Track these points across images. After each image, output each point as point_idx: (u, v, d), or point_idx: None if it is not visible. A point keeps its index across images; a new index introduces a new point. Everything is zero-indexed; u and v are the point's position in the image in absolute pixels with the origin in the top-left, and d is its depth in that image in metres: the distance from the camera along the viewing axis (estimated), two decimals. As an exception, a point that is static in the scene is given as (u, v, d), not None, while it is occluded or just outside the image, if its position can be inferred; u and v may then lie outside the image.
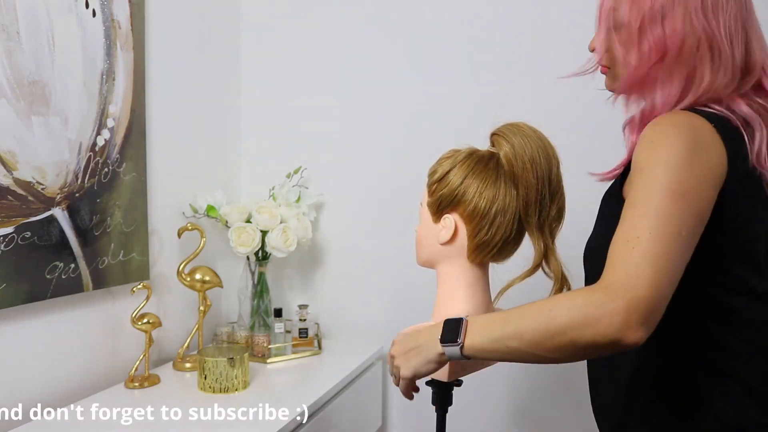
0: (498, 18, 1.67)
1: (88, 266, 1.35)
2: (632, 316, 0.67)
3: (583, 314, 0.70)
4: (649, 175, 0.75)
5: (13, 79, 1.17)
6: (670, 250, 0.71)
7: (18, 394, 1.23)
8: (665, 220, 0.72)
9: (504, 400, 1.71)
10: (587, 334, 0.69)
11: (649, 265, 0.69)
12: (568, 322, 0.70)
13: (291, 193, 1.75)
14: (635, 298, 0.67)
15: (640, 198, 0.75)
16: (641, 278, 0.69)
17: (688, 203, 0.73)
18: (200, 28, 1.75)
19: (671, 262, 0.71)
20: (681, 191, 0.73)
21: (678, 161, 0.74)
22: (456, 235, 1.03)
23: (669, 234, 0.71)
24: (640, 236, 0.71)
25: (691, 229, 0.73)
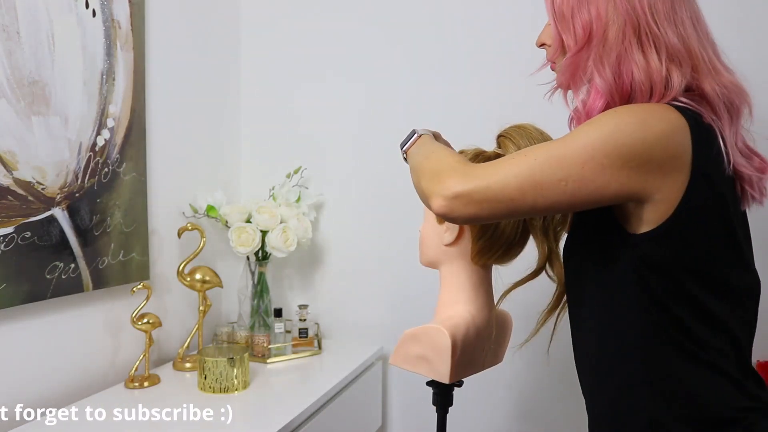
0: (498, 18, 1.67)
1: (88, 266, 1.35)
2: (452, 199, 0.77)
3: (436, 168, 0.82)
4: (589, 130, 0.76)
5: (13, 79, 1.17)
6: (531, 184, 0.75)
7: (18, 394, 1.23)
8: (557, 164, 0.74)
9: (504, 401, 1.71)
10: (423, 186, 0.83)
11: (505, 176, 0.75)
12: (430, 172, 0.83)
13: (291, 193, 1.75)
14: (463, 190, 0.76)
15: (564, 138, 0.77)
16: (486, 180, 0.76)
17: (593, 175, 0.74)
18: (200, 28, 1.75)
19: (523, 192, 0.75)
20: (599, 162, 0.73)
21: (622, 142, 0.74)
22: (460, 237, 1.03)
23: (545, 174, 0.74)
24: (527, 156, 0.77)
25: (568, 193, 0.75)
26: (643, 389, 0.81)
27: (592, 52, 0.83)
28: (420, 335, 1.01)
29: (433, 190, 0.79)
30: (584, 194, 0.75)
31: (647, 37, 0.80)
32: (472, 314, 1.03)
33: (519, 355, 1.65)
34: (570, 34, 0.85)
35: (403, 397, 1.82)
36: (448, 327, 0.98)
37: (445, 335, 0.96)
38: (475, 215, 0.77)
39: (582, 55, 0.84)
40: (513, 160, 0.77)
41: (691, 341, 0.79)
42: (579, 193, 0.75)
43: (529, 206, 0.76)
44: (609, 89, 0.81)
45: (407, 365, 1.04)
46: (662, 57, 0.80)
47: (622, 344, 0.83)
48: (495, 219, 0.85)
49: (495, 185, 0.75)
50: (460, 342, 0.99)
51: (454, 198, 0.76)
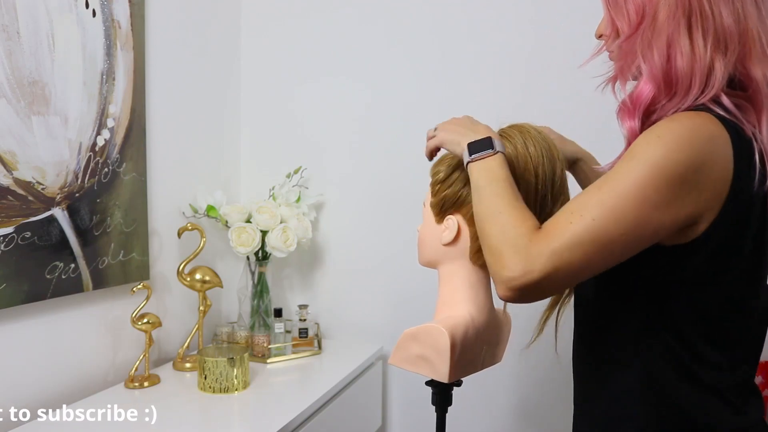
0: (498, 18, 1.67)
1: (88, 266, 1.35)
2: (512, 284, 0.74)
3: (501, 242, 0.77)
4: (636, 167, 0.71)
5: (13, 79, 1.17)
6: (597, 250, 0.71)
7: (18, 394, 1.23)
8: (615, 219, 0.70)
9: (503, 401, 1.71)
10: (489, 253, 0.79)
11: (569, 249, 0.71)
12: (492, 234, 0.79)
13: (291, 193, 1.75)
14: (532, 281, 0.72)
15: (612, 182, 0.72)
16: (554, 262, 0.71)
17: (649, 217, 0.70)
18: (200, 28, 1.75)
19: (591, 262, 0.72)
20: (653, 202, 0.70)
21: (671, 172, 0.70)
22: (459, 237, 1.03)
23: (608, 233, 0.70)
24: (583, 216, 0.72)
25: (632, 242, 0.72)
26: (638, 400, 0.80)
27: (641, 36, 0.77)
28: (419, 335, 1.01)
29: (499, 276, 0.76)
30: (644, 238, 0.72)
31: (696, 18, 0.74)
32: (471, 314, 1.03)
33: (518, 354, 1.65)
34: (623, 18, 0.80)
35: (403, 397, 1.82)
36: (448, 326, 0.98)
37: (445, 335, 0.96)
38: (545, 297, 0.77)
39: (633, 40, 0.78)
40: (573, 226, 0.72)
41: (693, 358, 0.77)
42: (639, 239, 0.72)
43: (595, 269, 0.74)
44: (656, 77, 0.76)
45: (407, 365, 1.04)
46: (708, 42, 0.74)
47: (622, 353, 0.82)
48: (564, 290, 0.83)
49: (562, 265, 0.71)
50: (459, 341, 0.99)
51: (524, 289, 0.73)
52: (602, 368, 0.86)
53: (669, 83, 0.76)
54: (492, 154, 0.88)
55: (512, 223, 0.78)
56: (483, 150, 0.89)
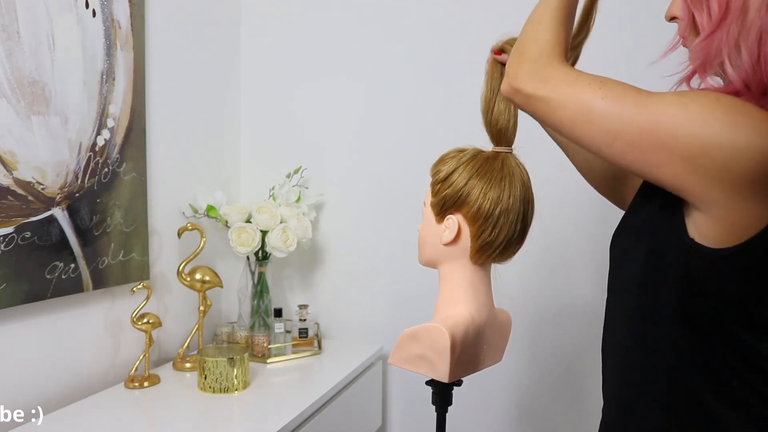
0: (497, 18, 1.67)
1: (88, 266, 1.35)
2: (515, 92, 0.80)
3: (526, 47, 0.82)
4: (676, 98, 0.67)
5: (13, 79, 1.17)
6: (586, 122, 0.71)
7: (18, 394, 1.23)
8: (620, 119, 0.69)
9: (503, 400, 1.71)
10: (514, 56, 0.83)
11: (564, 99, 0.74)
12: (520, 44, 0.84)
13: (291, 193, 1.75)
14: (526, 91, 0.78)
15: (653, 95, 0.68)
16: (549, 93, 0.75)
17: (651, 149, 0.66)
18: (200, 28, 1.75)
19: (573, 124, 0.73)
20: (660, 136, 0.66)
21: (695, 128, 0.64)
22: (459, 236, 1.03)
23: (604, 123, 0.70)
24: (602, 89, 0.71)
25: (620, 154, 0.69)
26: (661, 408, 0.76)
27: (727, 32, 0.68)
28: (419, 334, 1.01)
29: (509, 70, 0.82)
30: (627, 160, 0.69)
31: None
32: (471, 313, 1.03)
33: (518, 354, 1.65)
34: (703, 10, 0.71)
35: (403, 397, 1.82)
36: (448, 326, 0.98)
37: (445, 334, 0.96)
38: (530, 113, 0.80)
39: (716, 36, 0.69)
40: (584, 83, 0.73)
41: (721, 373, 0.72)
42: (624, 156, 0.69)
43: (575, 135, 0.74)
44: (744, 77, 0.67)
45: (407, 365, 1.04)
46: None
47: (650, 357, 0.76)
48: (546, 124, 0.84)
49: (554, 102, 0.75)
50: (459, 341, 0.99)
51: (517, 92, 0.79)
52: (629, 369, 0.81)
53: (760, 84, 0.67)
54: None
55: (548, 38, 0.81)
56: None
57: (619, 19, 1.51)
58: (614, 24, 1.52)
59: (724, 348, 0.72)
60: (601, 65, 1.31)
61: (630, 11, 1.50)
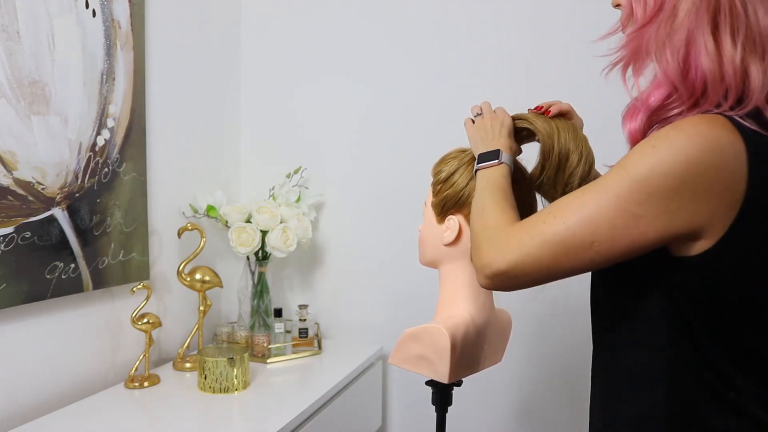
0: (497, 18, 1.67)
1: (88, 266, 1.35)
2: (485, 273, 0.77)
3: (481, 238, 0.81)
4: (621, 177, 0.68)
5: (13, 79, 1.17)
6: (564, 252, 0.71)
7: (18, 393, 1.23)
8: (587, 223, 0.69)
9: (503, 400, 1.71)
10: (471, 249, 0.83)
11: (537, 248, 0.73)
12: (476, 238, 0.82)
13: (291, 193, 1.75)
14: (500, 263, 0.75)
15: (596, 190, 0.71)
16: (522, 252, 0.73)
17: (627, 229, 0.68)
18: (200, 28, 1.75)
19: (558, 262, 0.72)
20: (633, 214, 0.67)
21: (658, 185, 0.66)
22: (460, 237, 1.03)
23: (577, 237, 0.70)
24: (556, 217, 0.72)
25: (606, 252, 0.70)
26: (663, 422, 0.76)
27: (657, 28, 0.71)
28: (420, 335, 1.01)
29: (476, 264, 0.80)
30: (620, 250, 0.70)
31: (724, 16, 0.68)
32: (471, 314, 1.03)
33: (518, 354, 1.65)
34: (640, 2, 0.74)
35: (403, 397, 1.82)
36: (448, 327, 0.98)
37: (445, 335, 0.96)
38: (518, 287, 0.77)
39: (647, 30, 0.72)
40: (543, 225, 0.73)
41: (719, 379, 0.73)
42: (614, 250, 0.70)
43: (567, 270, 0.74)
44: (671, 78, 0.70)
45: (407, 365, 1.04)
46: (738, 43, 0.67)
47: (647, 372, 0.77)
48: (540, 284, 0.80)
49: (528, 258, 0.73)
50: (459, 342, 0.99)
51: (494, 277, 0.76)
52: (624, 386, 0.81)
53: (689, 88, 0.70)
54: (497, 164, 0.92)
55: (493, 219, 0.82)
56: (489, 160, 0.93)
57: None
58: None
59: (718, 357, 0.73)
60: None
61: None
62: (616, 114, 1.09)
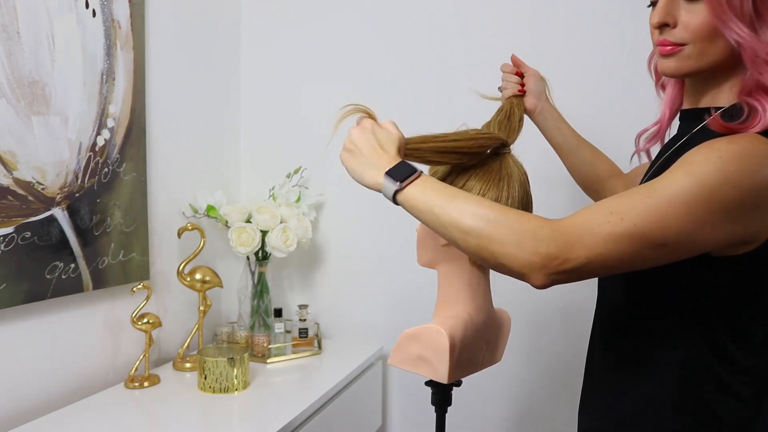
0: (494, 18, 1.67)
1: (88, 266, 1.35)
2: (550, 268, 0.70)
3: (519, 238, 0.72)
4: (690, 183, 0.69)
5: (13, 79, 1.17)
6: (634, 252, 0.70)
7: (18, 394, 1.23)
8: (657, 227, 0.69)
9: (503, 400, 1.71)
10: (507, 253, 0.72)
11: (605, 245, 0.70)
12: (502, 237, 0.73)
13: (291, 193, 1.75)
14: (567, 260, 0.70)
15: (662, 192, 0.70)
16: (588, 249, 0.70)
17: (695, 234, 0.70)
18: (200, 28, 1.75)
19: (624, 261, 0.71)
20: (702, 221, 0.69)
21: (727, 196, 0.69)
22: (457, 237, 1.03)
23: (647, 239, 0.70)
24: (624, 219, 0.70)
25: (672, 253, 0.71)
26: (671, 409, 0.79)
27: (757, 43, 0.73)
28: (419, 335, 1.01)
29: (531, 263, 0.71)
30: (683, 252, 0.72)
31: None
32: (470, 314, 1.03)
33: (518, 354, 1.65)
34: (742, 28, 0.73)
35: (403, 397, 1.82)
36: (447, 327, 0.98)
37: (444, 335, 0.96)
38: (577, 281, 0.74)
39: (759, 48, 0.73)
40: (610, 226, 0.70)
41: (731, 372, 0.77)
42: (678, 252, 0.72)
43: (627, 269, 0.74)
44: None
45: (406, 365, 1.04)
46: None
47: (661, 362, 0.80)
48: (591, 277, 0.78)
49: (597, 258, 0.70)
50: (458, 342, 0.98)
51: (560, 274, 0.71)
52: (629, 372, 0.84)
53: None
54: (419, 174, 0.84)
55: (519, 220, 0.74)
56: (408, 173, 0.84)
57: (620, 16, 1.51)
58: (614, 23, 1.52)
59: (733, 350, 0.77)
60: (602, 63, 1.31)
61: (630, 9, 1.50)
62: (612, 109, 1.10)
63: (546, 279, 0.71)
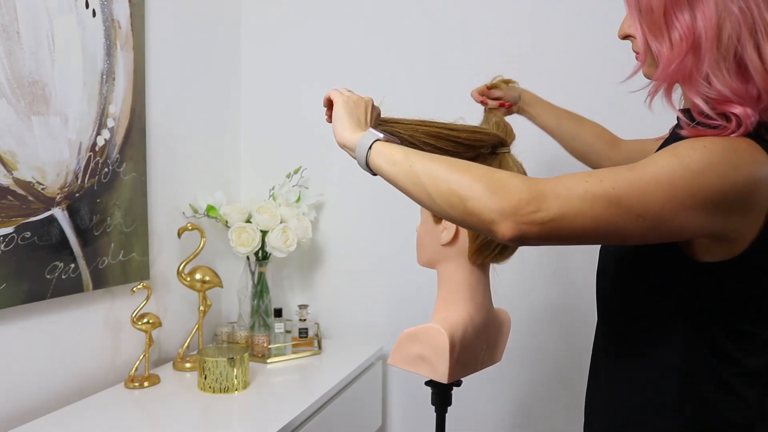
0: (494, 19, 1.67)
1: (88, 266, 1.35)
2: (520, 216, 0.69)
3: (491, 184, 0.71)
4: (675, 164, 0.69)
5: (13, 79, 1.17)
6: (609, 218, 0.68)
7: (18, 394, 1.23)
8: (636, 197, 0.68)
9: (503, 400, 1.71)
10: (476, 197, 0.71)
11: (579, 202, 0.68)
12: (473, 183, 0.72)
13: (291, 193, 1.75)
14: (539, 209, 0.68)
15: (646, 167, 0.70)
16: (562, 202, 0.68)
17: (675, 213, 0.68)
18: (200, 28, 1.75)
19: (598, 226, 0.69)
20: (682, 202, 0.68)
21: (711, 185, 0.68)
22: (457, 237, 1.03)
23: (624, 206, 0.68)
24: (603, 181, 0.69)
25: (648, 229, 0.69)
26: (673, 410, 0.79)
27: (700, 59, 0.72)
28: (419, 335, 1.01)
29: (501, 209, 0.70)
30: (660, 232, 0.70)
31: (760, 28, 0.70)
32: (470, 313, 1.03)
33: (518, 354, 1.65)
34: (663, 40, 0.74)
35: (403, 397, 1.82)
36: (447, 327, 0.98)
37: (444, 335, 0.96)
38: (546, 242, 0.72)
39: (685, 63, 0.73)
40: (588, 185, 0.69)
41: (732, 372, 0.78)
42: (655, 230, 0.70)
43: (600, 238, 0.72)
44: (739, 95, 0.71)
45: (406, 365, 1.05)
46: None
47: (662, 364, 0.80)
48: (561, 244, 0.76)
49: (570, 214, 0.68)
50: (458, 342, 0.99)
51: (530, 224, 0.69)
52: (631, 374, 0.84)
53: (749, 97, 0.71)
54: (384, 140, 0.89)
55: (492, 170, 0.74)
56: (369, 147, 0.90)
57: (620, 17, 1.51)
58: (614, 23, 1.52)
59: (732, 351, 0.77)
60: (602, 63, 1.31)
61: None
62: (613, 112, 1.09)
63: (515, 228, 0.69)
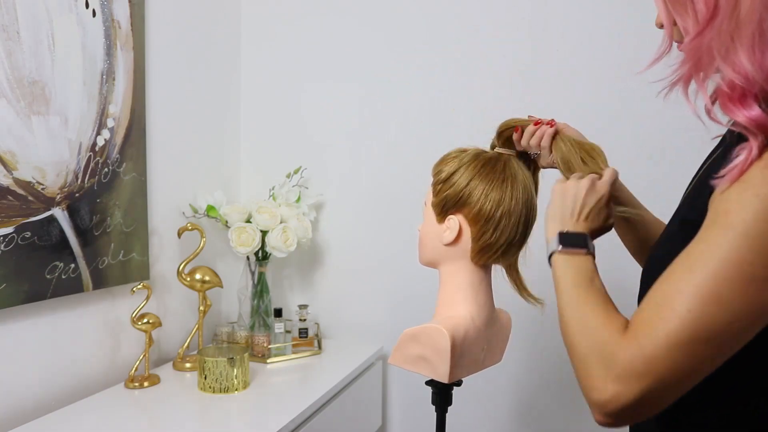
0: (495, 19, 1.67)
1: (88, 266, 1.35)
2: (608, 412, 0.62)
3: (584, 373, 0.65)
4: (731, 237, 0.59)
5: (13, 79, 1.17)
6: (702, 345, 0.59)
7: (18, 394, 1.23)
8: (718, 306, 0.58)
9: (503, 400, 1.71)
10: (580, 379, 0.66)
11: (667, 353, 0.59)
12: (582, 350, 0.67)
13: (291, 193, 1.75)
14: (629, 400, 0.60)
15: (704, 259, 0.60)
16: (651, 371, 0.59)
17: (761, 295, 0.58)
18: (200, 28, 1.75)
19: (696, 360, 0.59)
20: (762, 277, 0.57)
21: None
22: (460, 237, 1.03)
23: (711, 325, 0.58)
24: (675, 309, 0.59)
25: (746, 329, 0.60)
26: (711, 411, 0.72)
27: (718, 30, 0.63)
28: (419, 335, 1.01)
29: (587, 396, 0.64)
30: (755, 316, 0.60)
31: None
32: (471, 314, 1.03)
33: (518, 354, 1.65)
34: (687, 14, 0.67)
35: (403, 397, 1.82)
36: (448, 327, 0.98)
37: (445, 335, 0.96)
38: (650, 414, 0.63)
39: (705, 37, 0.64)
40: (663, 324, 0.59)
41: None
42: (752, 321, 0.60)
43: (709, 366, 0.61)
44: (747, 78, 0.61)
45: (407, 365, 1.04)
46: None
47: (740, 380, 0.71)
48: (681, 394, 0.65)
49: (664, 375, 0.59)
50: (459, 342, 0.98)
51: (617, 415, 0.61)
52: None
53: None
54: (584, 253, 0.77)
55: (598, 327, 0.67)
56: (576, 246, 0.78)
57: (622, 16, 1.51)
58: (605, 31, 1.52)
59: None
60: (602, 63, 1.31)
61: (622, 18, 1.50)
62: (619, 111, 1.09)
63: (605, 422, 0.63)
